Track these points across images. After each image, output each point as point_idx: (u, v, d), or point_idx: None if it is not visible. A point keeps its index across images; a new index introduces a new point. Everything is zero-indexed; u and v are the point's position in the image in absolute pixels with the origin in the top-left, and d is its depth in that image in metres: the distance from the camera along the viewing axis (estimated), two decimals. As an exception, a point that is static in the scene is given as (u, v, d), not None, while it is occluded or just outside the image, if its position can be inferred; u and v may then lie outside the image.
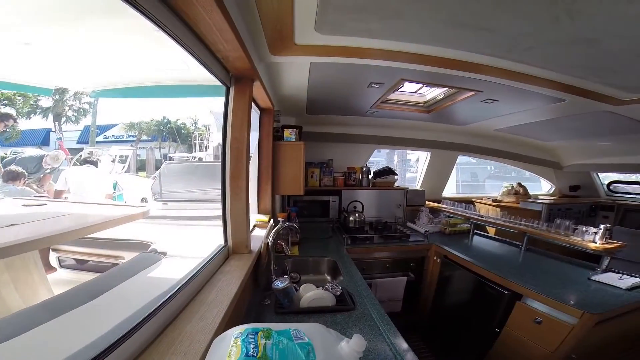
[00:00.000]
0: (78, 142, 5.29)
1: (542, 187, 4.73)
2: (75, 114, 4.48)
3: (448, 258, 2.47)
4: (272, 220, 2.20)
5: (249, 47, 1.28)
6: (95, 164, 2.86)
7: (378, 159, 5.76)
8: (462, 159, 4.36)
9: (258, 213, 2.28)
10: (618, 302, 1.65)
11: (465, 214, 2.86)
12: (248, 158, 1.53)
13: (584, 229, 2.00)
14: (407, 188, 3.32)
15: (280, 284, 1.38)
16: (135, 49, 1.58)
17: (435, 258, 2.59)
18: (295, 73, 1.85)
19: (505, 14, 1.13)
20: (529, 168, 4.22)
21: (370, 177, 3.30)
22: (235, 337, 0.65)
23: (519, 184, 3.80)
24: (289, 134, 2.27)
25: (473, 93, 2.20)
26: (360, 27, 1.35)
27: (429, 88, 2.62)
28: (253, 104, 2.07)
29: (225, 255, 1.49)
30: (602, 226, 1.91)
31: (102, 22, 1.28)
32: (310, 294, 1.43)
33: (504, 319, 1.90)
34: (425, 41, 1.48)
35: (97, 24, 1.28)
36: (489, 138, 3.53)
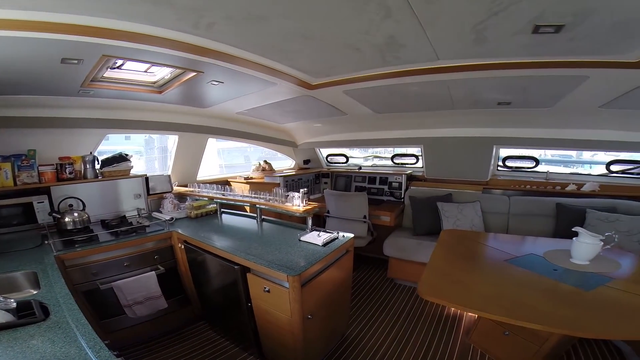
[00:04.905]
0: None
1: (289, 163, 5.62)
2: None
3: (188, 243, 2.41)
4: None
5: None
6: None
7: (132, 147, 4.91)
8: (235, 143, 4.46)
9: None
10: (315, 258, 1.77)
11: (208, 195, 2.87)
12: None
13: (292, 194, 2.28)
14: (146, 175, 2.98)
15: None
16: None
17: (180, 245, 2.48)
18: None
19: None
20: (276, 148, 4.85)
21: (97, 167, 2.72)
22: None
23: (265, 161, 4.30)
24: None
25: (195, 74, 2.16)
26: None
27: (159, 67, 2.37)
28: None
29: None
30: (301, 191, 2.23)
31: None
32: None
33: (249, 293, 1.94)
34: (103, 15, 1.31)
35: None
36: (234, 121, 3.70)
